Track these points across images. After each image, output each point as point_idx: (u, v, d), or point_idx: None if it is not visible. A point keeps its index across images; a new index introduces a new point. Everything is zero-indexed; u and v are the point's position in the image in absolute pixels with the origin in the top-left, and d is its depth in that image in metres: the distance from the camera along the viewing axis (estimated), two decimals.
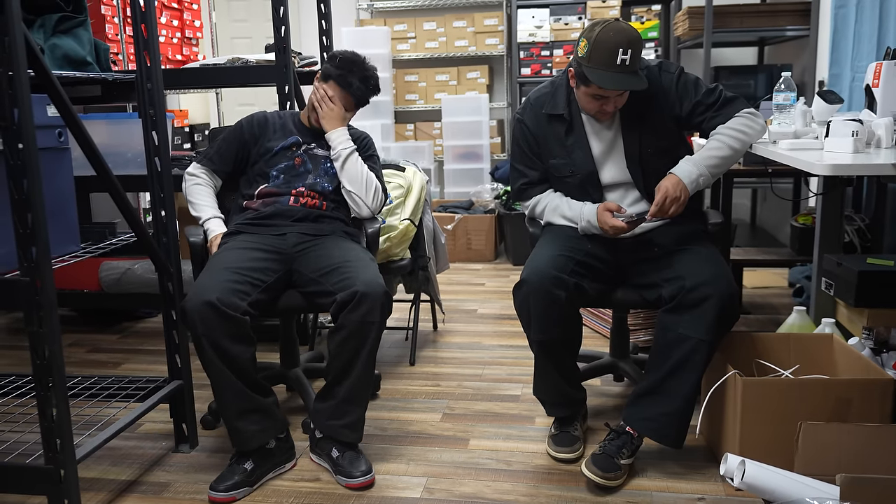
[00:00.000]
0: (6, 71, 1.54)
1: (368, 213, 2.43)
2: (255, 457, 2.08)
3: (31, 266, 1.61)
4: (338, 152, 2.40)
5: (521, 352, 3.06)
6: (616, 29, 2.01)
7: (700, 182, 2.11)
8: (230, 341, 2.00)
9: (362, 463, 2.09)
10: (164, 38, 4.40)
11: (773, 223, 4.77)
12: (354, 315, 2.04)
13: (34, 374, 1.67)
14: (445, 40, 5.48)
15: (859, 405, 1.91)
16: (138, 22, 2.04)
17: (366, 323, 2.05)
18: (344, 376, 2.09)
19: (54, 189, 1.88)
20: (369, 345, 2.07)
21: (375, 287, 2.06)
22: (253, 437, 2.07)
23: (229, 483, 2.02)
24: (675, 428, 2.04)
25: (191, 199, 2.44)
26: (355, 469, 2.07)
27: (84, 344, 3.35)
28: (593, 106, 2.12)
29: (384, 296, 2.07)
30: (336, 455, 2.10)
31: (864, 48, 3.42)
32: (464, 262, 4.73)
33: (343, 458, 2.09)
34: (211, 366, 2.02)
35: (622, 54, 1.99)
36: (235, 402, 2.05)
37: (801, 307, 2.57)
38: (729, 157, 2.13)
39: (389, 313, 2.12)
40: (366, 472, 2.06)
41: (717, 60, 4.87)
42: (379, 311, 2.06)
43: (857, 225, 3.15)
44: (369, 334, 2.06)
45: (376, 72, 2.45)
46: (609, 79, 2.02)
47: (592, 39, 2.02)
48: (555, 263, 2.06)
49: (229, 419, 2.06)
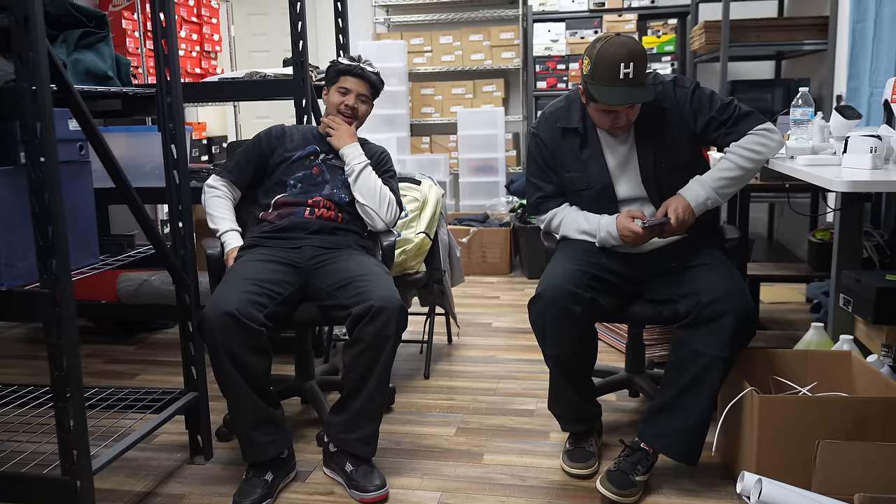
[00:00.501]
0: (30, 86, 1.56)
1: (383, 227, 2.44)
2: (273, 467, 2.09)
3: (51, 278, 1.63)
4: (351, 167, 2.43)
5: (535, 366, 3.05)
6: (616, 44, 2.02)
7: (708, 204, 2.11)
8: (248, 352, 2.01)
9: (376, 477, 2.08)
10: (183, 52, 4.45)
11: (791, 238, 4.73)
12: (370, 329, 2.05)
13: (52, 385, 1.68)
14: (461, 54, 5.51)
15: (878, 424, 1.89)
16: (159, 37, 2.07)
17: (381, 337, 2.05)
18: (358, 390, 2.09)
19: (74, 202, 1.91)
20: (384, 359, 2.07)
21: (391, 301, 2.07)
22: (267, 447, 2.08)
23: (254, 497, 2.01)
24: (690, 445, 2.03)
25: (209, 212, 2.47)
26: (369, 483, 2.06)
27: (101, 355, 3.38)
28: (605, 121, 2.13)
29: (400, 310, 2.08)
30: (350, 469, 2.10)
31: (883, 63, 3.40)
32: (479, 276, 4.73)
33: (357, 472, 2.09)
34: (228, 376, 2.02)
35: (624, 68, 1.99)
36: (252, 412, 2.06)
37: (819, 323, 2.55)
38: (740, 177, 2.12)
39: (405, 327, 2.12)
40: (380, 487, 2.06)
41: (733, 74, 4.86)
42: (394, 325, 2.06)
43: (876, 241, 3.11)
44: (384, 348, 2.06)
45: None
46: (613, 94, 2.02)
47: (594, 56, 2.03)
48: (571, 278, 2.06)
49: (244, 430, 2.07)
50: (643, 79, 2.04)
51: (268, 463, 2.09)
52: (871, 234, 3.14)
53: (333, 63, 2.54)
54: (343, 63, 2.51)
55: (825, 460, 1.77)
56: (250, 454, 2.08)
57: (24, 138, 1.59)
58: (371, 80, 2.51)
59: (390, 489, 2.10)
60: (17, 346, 3.59)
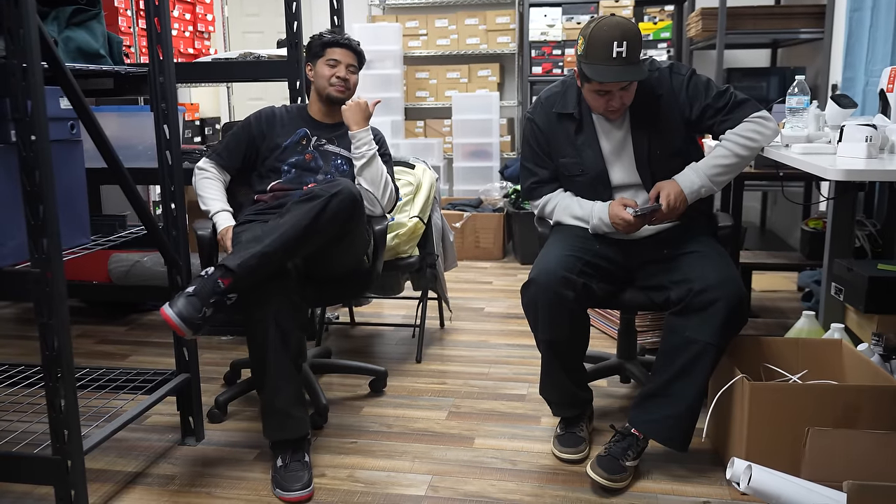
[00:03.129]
0: (20, 63, 1.54)
1: (381, 212, 2.46)
2: (306, 445, 2.09)
3: (42, 258, 1.62)
4: (362, 153, 2.42)
5: (527, 351, 3.05)
6: (610, 23, 2.02)
7: (702, 192, 2.12)
8: (297, 329, 2.06)
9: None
10: (176, 32, 4.41)
11: (784, 227, 4.75)
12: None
13: (43, 365, 1.68)
14: (457, 38, 5.48)
15: (867, 412, 1.90)
16: (151, 16, 2.04)
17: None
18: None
19: (66, 181, 1.89)
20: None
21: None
22: (304, 422, 2.08)
23: (305, 480, 1.99)
24: (680, 431, 2.04)
25: (200, 193, 2.46)
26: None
27: (92, 335, 3.37)
28: (599, 103, 2.12)
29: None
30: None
31: (879, 52, 3.40)
32: (472, 261, 4.73)
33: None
34: (274, 349, 2.01)
35: (617, 47, 1.99)
36: (293, 388, 2.06)
37: (811, 312, 2.56)
38: (735, 164, 2.13)
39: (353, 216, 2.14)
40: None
41: (729, 62, 4.85)
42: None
43: (869, 230, 3.12)
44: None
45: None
46: (605, 72, 2.01)
47: (588, 35, 2.03)
48: (563, 263, 2.06)
49: (283, 405, 2.04)
50: (636, 58, 2.03)
51: (298, 440, 2.07)
52: (863, 223, 3.15)
53: (316, 37, 2.52)
54: (327, 35, 2.50)
55: (815, 447, 1.78)
56: (290, 430, 2.05)
57: (14, 116, 1.57)
58: (357, 50, 2.51)
59: (382, 471, 2.11)
60: (7, 325, 3.57)
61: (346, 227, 2.16)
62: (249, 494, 2.01)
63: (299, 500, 1.96)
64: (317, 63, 2.49)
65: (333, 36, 2.49)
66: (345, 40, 2.49)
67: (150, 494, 2.02)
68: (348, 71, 2.48)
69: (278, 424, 2.06)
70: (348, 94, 2.51)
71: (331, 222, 2.09)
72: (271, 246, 2.01)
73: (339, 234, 2.16)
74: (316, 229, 2.07)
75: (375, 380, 2.70)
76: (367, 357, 3.08)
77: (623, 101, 2.11)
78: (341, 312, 3.59)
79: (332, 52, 2.47)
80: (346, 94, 2.50)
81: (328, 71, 2.47)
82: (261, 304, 2.01)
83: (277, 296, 2.04)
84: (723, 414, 2.09)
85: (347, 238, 2.23)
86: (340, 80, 2.47)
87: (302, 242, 2.06)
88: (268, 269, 2.02)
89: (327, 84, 2.47)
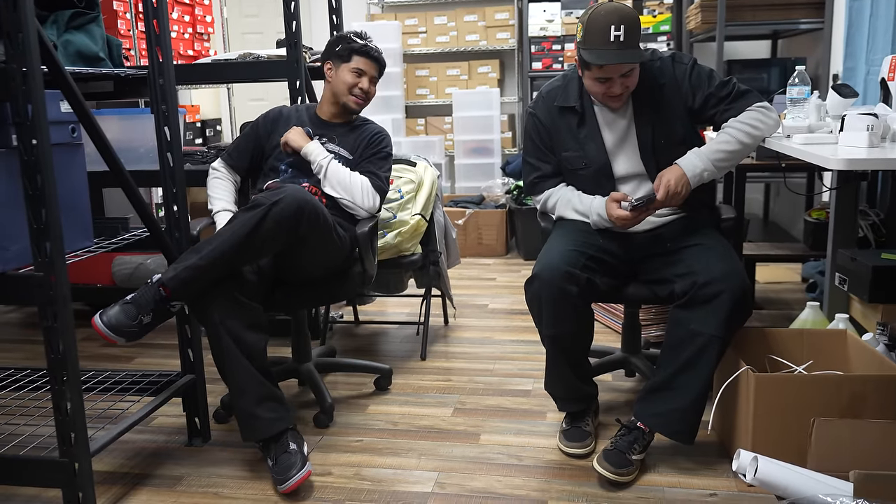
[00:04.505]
0: (20, 67, 1.55)
1: (366, 214, 2.42)
2: (289, 436, 2.04)
3: (46, 261, 1.63)
4: (318, 164, 2.38)
5: (532, 347, 3.05)
6: (608, 8, 2.03)
7: (704, 176, 2.10)
8: (247, 330, 2.02)
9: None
10: (175, 34, 4.41)
11: (787, 218, 4.74)
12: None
13: (49, 369, 1.68)
14: (456, 35, 5.47)
15: (873, 401, 1.90)
16: (150, 18, 2.04)
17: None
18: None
19: (68, 184, 1.89)
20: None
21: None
22: (273, 423, 2.04)
23: (299, 464, 1.97)
24: (686, 424, 2.03)
25: (209, 193, 2.48)
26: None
27: (97, 338, 3.33)
28: (600, 89, 2.11)
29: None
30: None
31: (880, 41, 3.38)
32: (475, 257, 4.73)
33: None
34: (227, 354, 2.01)
35: (615, 31, 1.99)
36: (253, 388, 2.03)
37: (815, 302, 2.56)
38: (738, 151, 2.11)
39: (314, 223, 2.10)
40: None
41: (729, 54, 4.84)
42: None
43: (872, 220, 3.12)
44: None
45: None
46: (603, 55, 2.02)
47: (586, 21, 2.04)
48: (567, 258, 2.05)
49: (247, 407, 2.03)
50: (635, 43, 2.03)
51: (279, 436, 2.04)
52: (866, 213, 3.14)
53: (344, 39, 2.47)
54: (358, 42, 2.45)
55: (821, 438, 1.78)
56: (257, 431, 2.04)
57: (15, 120, 1.58)
58: (382, 63, 2.49)
59: (388, 469, 2.11)
60: (13, 330, 3.58)
61: (298, 233, 2.08)
62: (257, 494, 2.02)
63: (299, 482, 1.96)
64: (340, 67, 2.45)
65: (365, 45, 2.45)
66: (375, 52, 2.46)
67: (158, 496, 2.03)
68: (371, 82, 2.47)
69: (247, 426, 2.06)
70: (364, 106, 2.50)
71: (273, 231, 2.02)
72: (206, 258, 1.98)
73: (292, 241, 2.10)
74: (257, 239, 2.01)
75: (380, 378, 2.70)
76: (372, 355, 3.08)
77: (626, 86, 2.10)
78: (346, 311, 3.59)
79: (360, 61, 2.44)
80: (363, 105, 2.49)
81: (351, 79, 2.44)
82: (206, 312, 2.00)
83: (221, 302, 2.01)
84: (728, 406, 2.09)
85: (307, 243, 2.15)
86: (362, 93, 2.45)
87: (241, 252, 2.01)
88: (206, 280, 2.00)
89: (347, 92, 2.45)
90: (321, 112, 2.54)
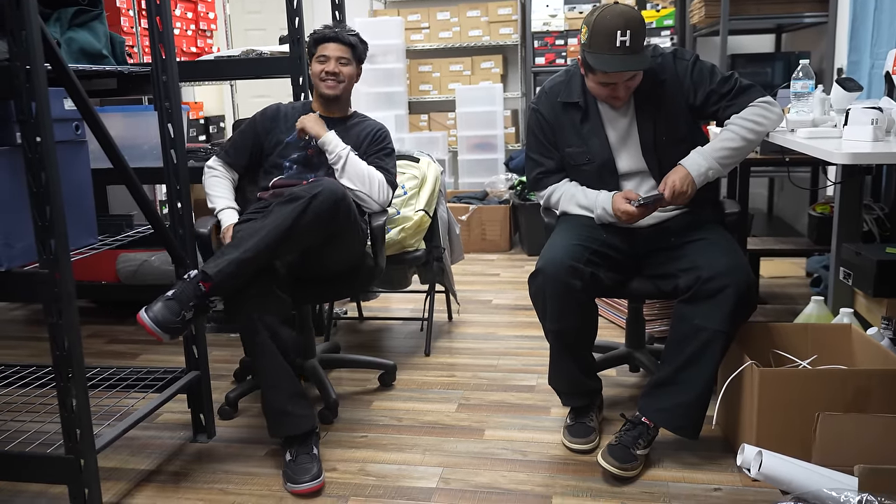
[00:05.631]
0: (23, 65, 1.55)
1: (378, 208, 2.43)
2: (314, 439, 2.08)
3: (50, 258, 1.63)
4: (337, 155, 2.38)
5: (536, 342, 3.05)
6: (614, 12, 2.01)
7: (709, 175, 2.10)
8: (282, 325, 2.04)
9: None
10: (178, 31, 4.42)
11: (791, 212, 4.73)
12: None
13: (54, 366, 1.69)
14: (459, 30, 5.46)
15: (878, 396, 1.90)
16: (153, 14, 2.04)
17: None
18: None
19: (72, 182, 1.90)
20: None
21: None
22: (305, 418, 2.07)
23: (315, 471, 1.99)
24: (691, 418, 2.03)
25: (207, 191, 2.47)
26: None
27: (102, 335, 3.38)
28: (603, 92, 2.11)
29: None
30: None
31: (884, 35, 3.37)
32: (478, 253, 4.73)
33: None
34: (263, 348, 2.02)
35: (621, 36, 1.98)
36: (286, 384, 2.05)
37: (819, 297, 2.55)
38: (741, 148, 2.11)
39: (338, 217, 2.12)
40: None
41: (733, 48, 4.82)
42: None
43: (876, 214, 3.11)
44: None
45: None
46: (609, 61, 2.01)
47: (591, 24, 2.02)
48: (571, 253, 2.05)
49: (279, 403, 2.04)
50: (640, 47, 2.03)
51: (306, 435, 2.07)
52: (871, 207, 3.14)
53: (311, 34, 2.51)
54: (318, 30, 2.47)
55: (825, 432, 1.77)
56: (289, 427, 2.05)
57: (19, 118, 1.58)
58: (349, 42, 2.46)
59: (393, 464, 2.12)
60: (18, 327, 3.59)
61: (332, 228, 2.12)
62: (262, 490, 2.02)
63: (309, 490, 1.97)
64: (312, 61, 2.48)
65: (323, 31, 2.47)
66: (333, 33, 2.45)
67: (163, 492, 2.04)
68: (339, 64, 2.45)
69: (277, 422, 2.07)
70: (341, 89, 2.48)
71: (312, 224, 2.06)
72: (249, 252, 2.00)
73: (326, 235, 2.13)
74: (297, 232, 2.04)
75: (385, 374, 2.71)
76: (376, 351, 3.09)
77: (629, 87, 2.11)
78: (349, 307, 3.59)
79: (324, 47, 2.45)
80: (338, 88, 2.47)
81: (318, 67, 2.46)
82: (245, 307, 2.01)
83: (261, 297, 2.03)
84: (733, 401, 2.09)
85: (337, 237, 2.20)
86: (328, 75, 2.45)
87: (282, 245, 2.05)
88: (247, 274, 2.01)
89: (318, 81, 2.47)
90: (315, 108, 2.54)
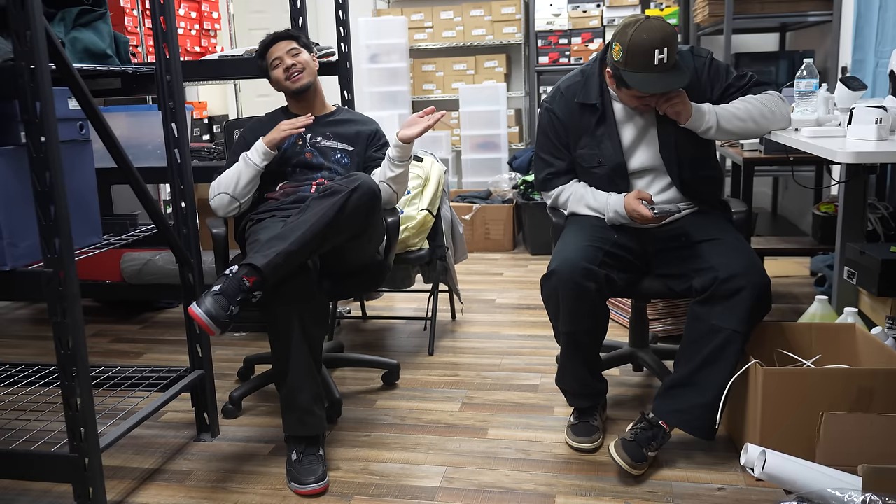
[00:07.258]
0: (28, 64, 1.55)
1: (391, 206, 2.46)
2: (321, 440, 2.10)
3: (55, 258, 1.63)
4: (405, 163, 2.39)
5: (539, 341, 3.05)
6: (649, 28, 1.97)
7: (705, 120, 2.10)
8: (314, 324, 2.07)
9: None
10: (182, 30, 4.42)
11: (795, 211, 4.72)
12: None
13: (58, 365, 1.69)
14: (463, 29, 5.46)
15: (882, 395, 1.89)
16: (157, 14, 2.05)
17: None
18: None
19: (76, 181, 1.90)
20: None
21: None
22: (322, 420, 2.09)
23: (319, 473, 2.00)
24: (707, 420, 2.01)
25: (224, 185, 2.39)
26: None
27: (107, 334, 3.39)
28: (636, 103, 2.12)
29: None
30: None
31: (889, 33, 3.36)
32: (482, 252, 4.73)
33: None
34: (295, 346, 2.03)
35: (659, 54, 1.96)
36: (311, 385, 2.06)
37: (823, 296, 2.55)
38: (745, 128, 2.13)
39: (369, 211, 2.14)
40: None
41: (737, 47, 4.81)
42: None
43: (881, 213, 3.10)
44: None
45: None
46: (649, 82, 1.99)
47: (626, 43, 1.98)
48: (585, 254, 2.04)
49: (304, 402, 2.04)
50: (675, 60, 2.02)
51: (315, 438, 2.08)
52: (875, 206, 3.13)
53: (256, 53, 2.55)
54: (258, 46, 2.53)
55: (829, 432, 1.77)
56: (310, 427, 2.06)
57: (23, 118, 1.58)
58: (290, 35, 2.50)
59: (397, 464, 2.12)
60: (23, 326, 3.60)
61: (367, 222, 2.17)
62: (265, 489, 2.03)
63: (314, 492, 1.97)
64: (269, 73, 2.50)
65: (261, 42, 2.51)
66: (271, 37, 2.49)
67: (168, 490, 2.04)
68: (291, 55, 2.46)
69: (299, 421, 2.07)
70: (307, 75, 2.47)
71: (352, 217, 2.09)
72: (297, 244, 2.01)
73: (361, 229, 2.17)
74: (339, 225, 2.08)
75: (388, 373, 2.71)
76: (380, 350, 3.09)
77: (664, 97, 2.10)
78: (353, 306, 3.60)
79: (271, 52, 2.48)
80: (304, 76, 2.47)
81: (278, 71, 2.47)
82: (284, 302, 2.02)
83: (300, 292, 2.05)
84: (737, 400, 2.09)
85: (366, 233, 2.23)
86: (288, 71, 2.45)
87: (325, 238, 2.07)
88: (293, 267, 2.03)
89: (284, 81, 2.47)
90: (294, 109, 2.55)
